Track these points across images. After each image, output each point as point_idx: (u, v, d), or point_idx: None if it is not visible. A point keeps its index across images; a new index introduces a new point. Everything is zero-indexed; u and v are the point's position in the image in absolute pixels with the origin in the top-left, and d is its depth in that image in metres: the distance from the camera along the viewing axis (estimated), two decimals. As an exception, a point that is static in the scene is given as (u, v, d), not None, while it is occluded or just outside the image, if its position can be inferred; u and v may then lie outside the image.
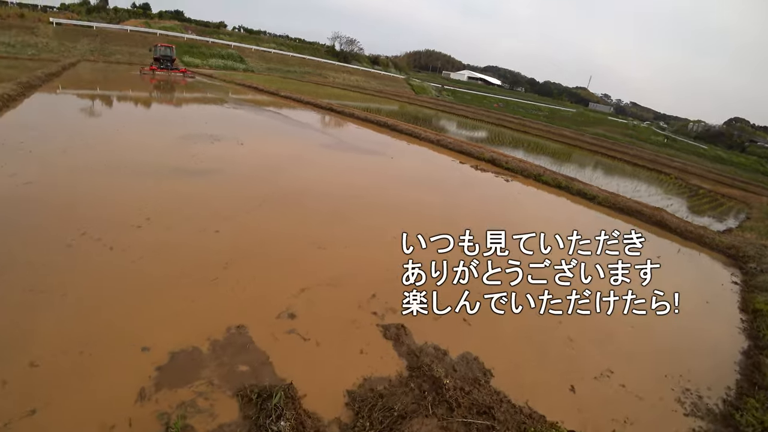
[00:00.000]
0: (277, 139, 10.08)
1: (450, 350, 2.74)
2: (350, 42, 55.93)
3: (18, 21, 28.31)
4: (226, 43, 45.06)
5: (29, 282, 2.97)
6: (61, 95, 12.87)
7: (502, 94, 69.72)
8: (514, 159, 10.18)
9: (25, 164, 5.43)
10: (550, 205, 7.34)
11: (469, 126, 20.42)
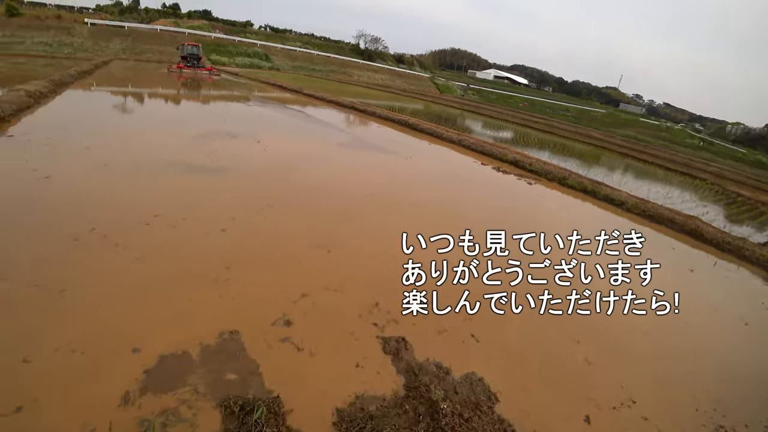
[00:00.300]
0: (295, 136, 10.12)
1: (453, 369, 2.58)
2: (375, 40, 56.13)
3: (55, 22, 29.89)
4: (252, 42, 46.06)
5: (33, 276, 3.02)
6: (92, 93, 13.40)
7: (529, 93, 68.55)
8: (538, 161, 9.82)
9: (48, 160, 5.62)
10: (573, 211, 7.00)
11: (494, 126, 19.98)
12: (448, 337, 2.88)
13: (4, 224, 3.73)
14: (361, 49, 55.10)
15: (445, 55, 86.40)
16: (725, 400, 2.83)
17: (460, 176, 8.22)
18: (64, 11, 33.81)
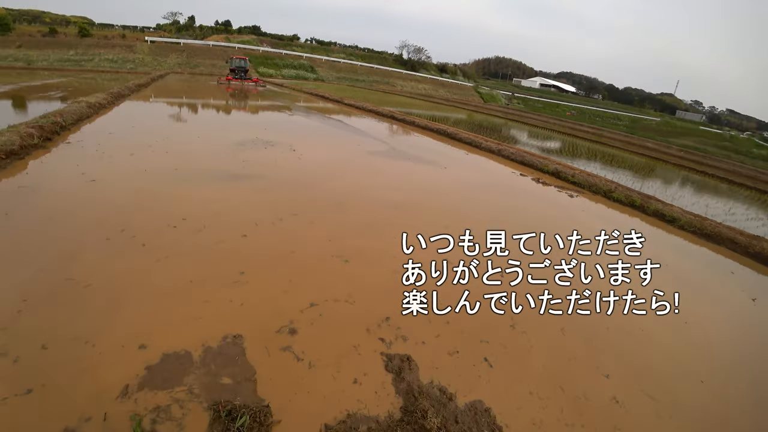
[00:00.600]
0: (329, 145, 10.36)
1: (458, 395, 2.42)
2: (418, 50, 56.88)
3: (120, 41, 33.21)
4: (298, 54, 48.29)
5: (66, 270, 3.26)
6: (145, 103, 14.58)
7: (577, 101, 66.26)
8: (581, 172, 9.30)
9: (96, 164, 6.14)
10: (616, 227, 6.51)
11: (539, 136, 19.32)
12: (458, 359, 2.73)
13: (52, 222, 4.09)
14: (404, 60, 56.00)
15: (489, 64, 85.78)
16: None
17: (495, 188, 7.96)
18: (128, 31, 37.41)
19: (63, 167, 5.91)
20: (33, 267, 3.28)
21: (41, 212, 4.31)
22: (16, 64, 26.67)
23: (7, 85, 16.89)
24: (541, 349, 2.96)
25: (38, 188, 5.04)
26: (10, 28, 30.97)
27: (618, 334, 3.31)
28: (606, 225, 6.46)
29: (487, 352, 2.84)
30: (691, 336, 3.56)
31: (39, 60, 27.93)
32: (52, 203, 4.59)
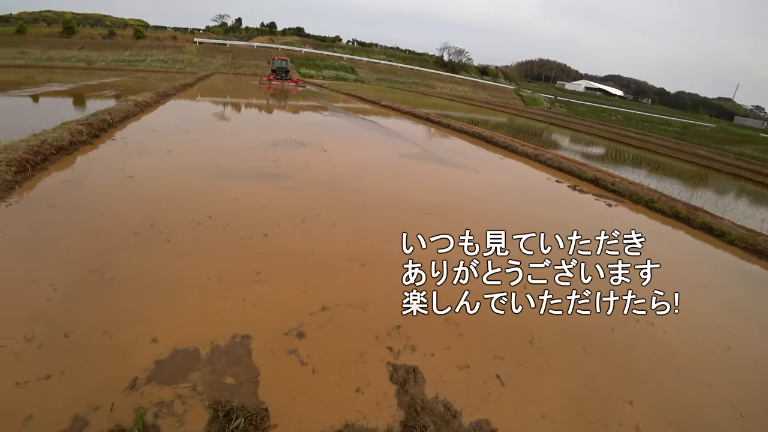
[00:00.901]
0: (361, 146, 10.44)
1: (464, 413, 2.32)
2: (459, 52, 56.45)
3: (171, 42, 35.38)
4: (339, 56, 49.23)
5: (94, 262, 3.47)
6: (190, 102, 15.37)
7: (624, 105, 63.39)
8: (622, 180, 8.76)
9: (135, 161, 6.52)
10: (656, 242, 6.05)
11: (582, 141, 18.49)
12: (468, 374, 2.62)
13: (88, 216, 4.38)
14: (444, 62, 55.72)
15: (532, 66, 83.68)
16: None
17: (526, 194, 7.65)
18: (179, 33, 39.69)
19: (105, 163, 6.33)
20: (65, 258, 3.52)
21: (80, 206, 4.63)
22: (78, 64, 29.12)
23: (68, 84, 18.41)
24: (559, 369, 2.80)
25: (81, 182, 5.42)
26: (74, 31, 33.95)
27: (647, 359, 3.09)
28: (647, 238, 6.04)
29: (500, 368, 2.72)
30: (735, 368, 3.24)
31: (98, 60, 30.34)
32: (90, 197, 4.92)
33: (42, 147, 6.19)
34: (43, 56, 29.34)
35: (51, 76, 22.73)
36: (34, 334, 2.64)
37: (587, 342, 3.15)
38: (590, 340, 3.18)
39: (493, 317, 3.23)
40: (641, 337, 3.33)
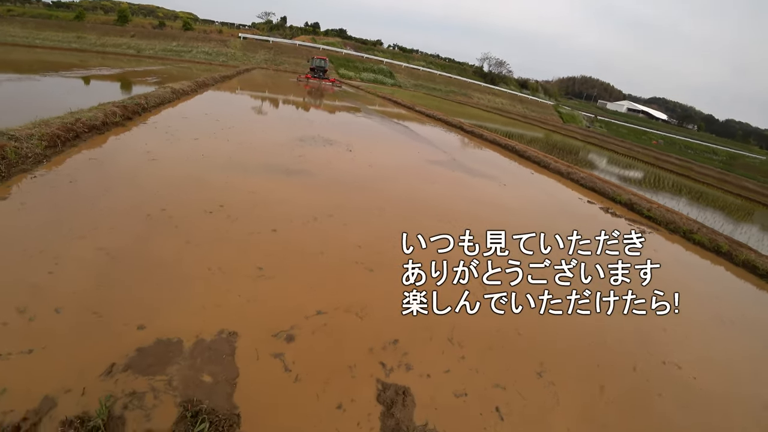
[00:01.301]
0: (388, 149, 10.33)
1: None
2: (499, 64, 55.85)
3: (216, 35, 36.76)
4: (378, 59, 49.66)
5: (102, 241, 3.48)
6: (225, 94, 15.76)
7: (667, 130, 61.13)
8: (659, 207, 8.20)
9: (161, 145, 6.65)
10: (692, 277, 5.55)
11: (619, 163, 17.71)
12: (465, 402, 2.40)
13: (105, 194, 4.44)
14: (484, 72, 55.29)
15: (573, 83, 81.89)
16: None
17: (555, 213, 7.25)
18: (226, 27, 41.19)
19: (133, 145, 6.48)
20: (74, 233, 3.55)
21: (100, 183, 4.71)
22: (128, 51, 30.70)
23: (115, 69, 19.36)
24: (569, 408, 2.52)
25: (106, 161, 5.56)
26: (127, 20, 35.93)
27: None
28: (681, 271, 5.57)
29: (501, 399, 2.48)
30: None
31: (147, 49, 31.88)
32: (111, 176, 5.01)
33: (75, 125, 6.42)
34: (97, 42, 31.14)
35: (102, 61, 24.02)
36: (28, 306, 2.63)
37: (606, 378, 2.86)
38: (609, 376, 2.90)
39: (500, 341, 3.02)
40: (666, 380, 3.00)
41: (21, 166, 4.85)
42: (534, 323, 3.20)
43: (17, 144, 5.08)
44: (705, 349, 3.48)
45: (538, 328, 3.20)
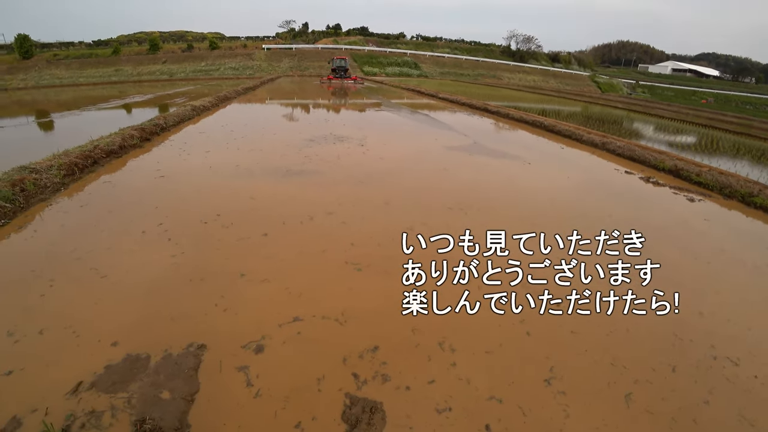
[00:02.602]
0: (404, 140, 10.05)
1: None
2: (527, 40, 53.45)
3: (242, 50, 38.07)
4: (402, 52, 49.16)
5: (94, 260, 3.55)
6: (246, 105, 16.16)
7: (720, 86, 56.00)
8: (710, 170, 7.27)
9: (173, 161, 6.84)
10: (754, 250, 4.77)
11: (667, 129, 16.11)
12: (447, 420, 2.10)
13: (109, 214, 4.57)
14: (512, 51, 53.15)
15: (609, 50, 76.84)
16: None
17: (583, 189, 6.62)
18: (250, 41, 42.52)
19: (146, 164, 6.71)
20: (74, 255, 3.64)
21: (106, 205, 4.87)
22: (162, 77, 32.58)
23: (147, 95, 20.51)
24: (583, 424, 2.12)
25: (118, 183, 5.77)
26: (158, 48, 38.13)
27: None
28: (743, 241, 4.84)
29: (493, 416, 2.15)
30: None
31: (178, 72, 33.64)
32: (119, 197, 5.18)
33: (93, 151, 6.74)
34: (133, 72, 33.31)
35: (139, 89, 25.59)
36: (17, 329, 2.69)
37: (633, 384, 2.42)
38: (638, 381, 2.45)
39: (502, 344, 2.69)
40: (717, 381, 2.52)
41: (40, 196, 5.12)
42: (543, 323, 2.85)
43: (37, 176, 5.38)
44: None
45: (549, 328, 2.84)
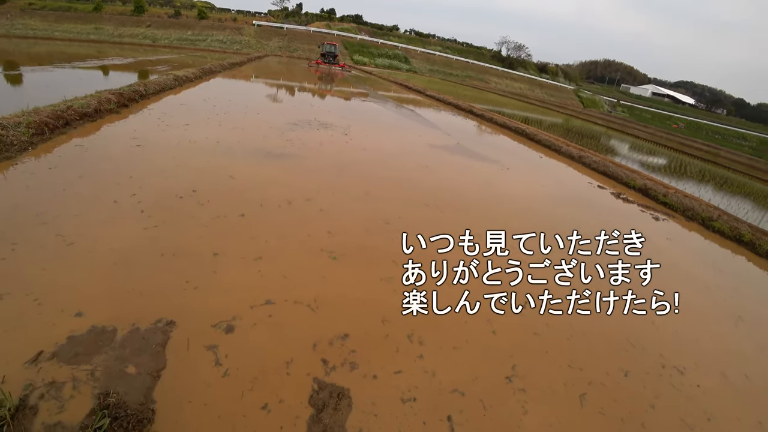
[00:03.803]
0: (388, 133, 10.05)
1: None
2: (518, 47, 54.24)
3: (231, 23, 36.76)
4: (393, 45, 48.78)
5: (63, 227, 3.41)
6: (231, 81, 15.66)
7: (694, 114, 58.57)
8: (676, 192, 7.70)
9: (150, 131, 6.60)
10: (707, 268, 5.12)
11: (641, 149, 16.84)
12: (411, 409, 2.18)
13: (81, 180, 4.38)
14: (502, 56, 53.80)
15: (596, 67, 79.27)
16: None
17: (557, 198, 6.85)
18: (241, 15, 41.13)
19: (122, 131, 6.45)
20: (39, 219, 3.48)
21: (77, 170, 4.66)
22: (144, 41, 31.05)
23: (128, 59, 19.57)
24: (538, 421, 2.26)
25: (90, 147, 5.53)
26: (144, 10, 36.31)
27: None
28: (697, 261, 5.16)
29: (455, 407, 2.24)
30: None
31: (162, 39, 32.16)
32: (92, 163, 4.96)
33: (66, 112, 6.41)
34: (114, 32, 31.59)
35: (120, 51, 24.38)
36: (-25, 292, 2.57)
37: (588, 386, 2.58)
38: (593, 383, 2.61)
39: (468, 340, 2.78)
40: (663, 387, 2.70)
41: (5, 154, 4.86)
42: (509, 323, 2.96)
43: (2, 132, 5.09)
44: (715, 351, 3.10)
45: (513, 329, 2.95)
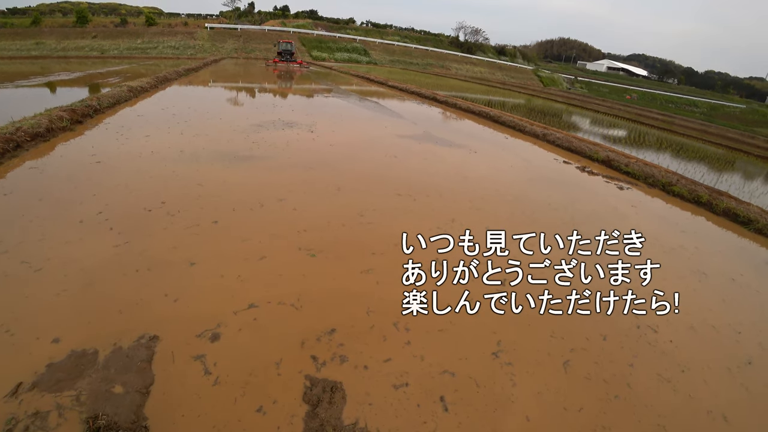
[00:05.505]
0: (354, 127, 10.02)
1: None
2: (475, 32, 54.82)
3: (182, 28, 35.32)
4: (351, 38, 48.31)
5: (27, 254, 3.24)
6: (188, 87, 15.13)
7: (648, 86, 61.42)
8: (637, 161, 8.10)
9: (109, 146, 6.32)
10: (676, 227, 5.44)
11: (602, 123, 17.50)
12: (405, 394, 2.23)
13: (41, 203, 4.16)
14: (460, 42, 54.28)
15: (552, 46, 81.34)
16: None
17: (526, 175, 7.06)
18: (191, 19, 39.62)
19: (78, 149, 6.15)
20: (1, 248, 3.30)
21: (35, 193, 4.42)
22: (92, 53, 29.41)
23: (76, 73, 18.54)
24: (528, 391, 2.36)
25: (47, 168, 5.25)
26: (87, 21, 34.31)
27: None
28: (661, 225, 5.46)
29: (447, 388, 2.31)
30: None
31: (111, 49, 30.56)
32: (50, 184, 4.72)
33: (16, 134, 6.04)
34: (57, 46, 29.74)
35: (66, 66, 22.99)
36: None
37: (571, 352, 2.71)
38: (575, 349, 2.74)
39: (452, 325, 2.84)
40: (640, 347, 2.87)
41: (-48, 183, 4.56)
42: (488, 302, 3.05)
43: (-54, 160, 4.77)
44: (684, 307, 3.25)
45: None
